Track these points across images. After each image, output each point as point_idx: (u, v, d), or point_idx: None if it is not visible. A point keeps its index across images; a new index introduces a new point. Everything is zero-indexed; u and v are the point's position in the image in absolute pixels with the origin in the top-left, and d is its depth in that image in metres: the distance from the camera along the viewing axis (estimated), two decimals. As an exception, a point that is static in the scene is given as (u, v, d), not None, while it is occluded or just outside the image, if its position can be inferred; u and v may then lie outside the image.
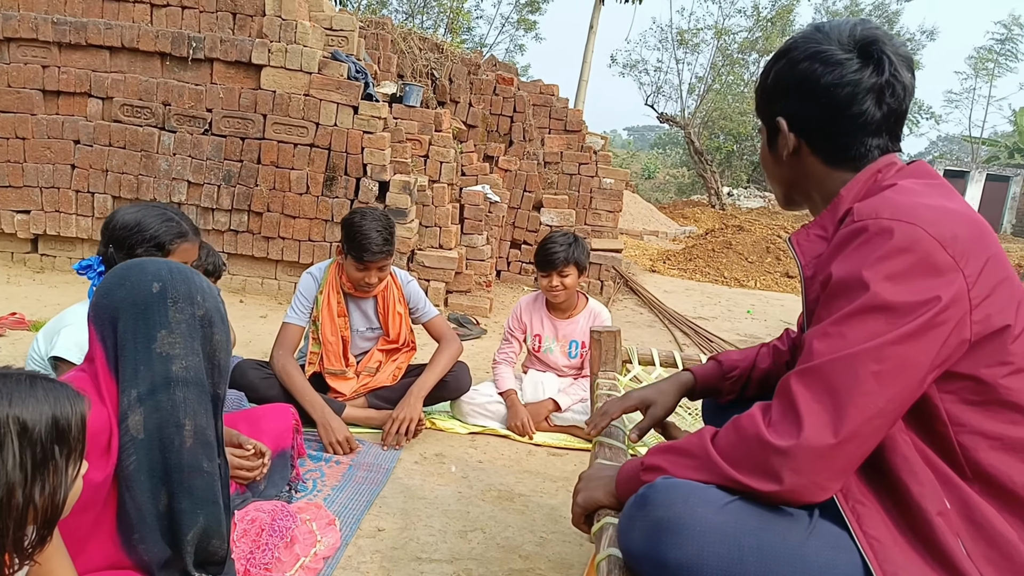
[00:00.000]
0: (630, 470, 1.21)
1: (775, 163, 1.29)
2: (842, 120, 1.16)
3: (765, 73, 1.26)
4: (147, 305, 1.34)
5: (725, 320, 6.27)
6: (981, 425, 1.02)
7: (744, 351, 1.66)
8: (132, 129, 5.04)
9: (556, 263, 2.94)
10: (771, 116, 1.25)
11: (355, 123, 5.06)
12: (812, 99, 1.17)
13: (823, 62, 1.15)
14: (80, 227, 5.16)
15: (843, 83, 1.14)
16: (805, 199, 1.31)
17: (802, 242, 1.21)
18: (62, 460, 1.05)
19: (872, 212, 1.03)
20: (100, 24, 4.95)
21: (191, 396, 1.36)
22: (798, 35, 1.23)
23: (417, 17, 18.65)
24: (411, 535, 2.06)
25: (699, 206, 19.15)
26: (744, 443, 1.02)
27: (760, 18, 21.02)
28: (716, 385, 1.62)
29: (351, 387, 2.88)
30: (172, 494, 1.34)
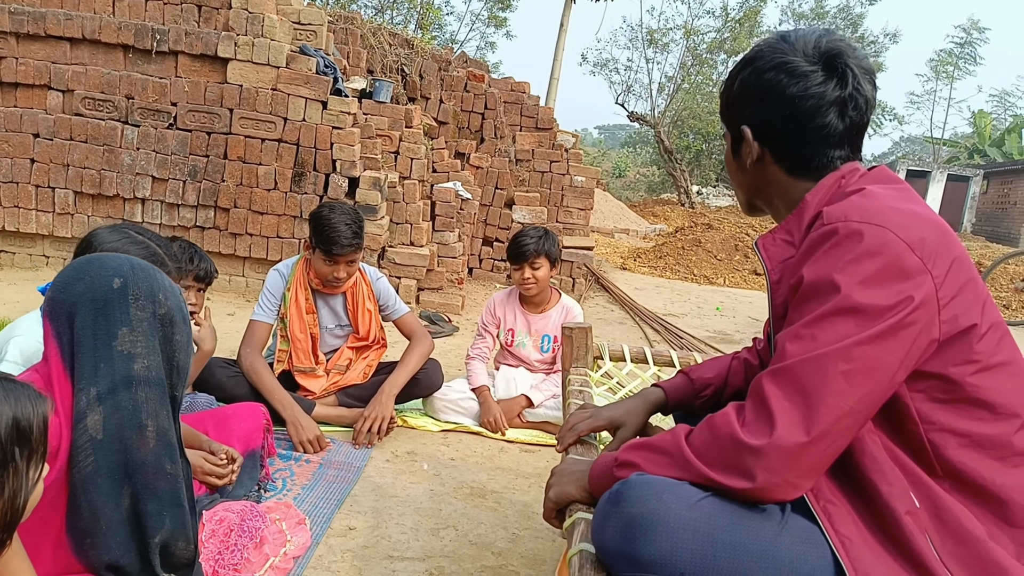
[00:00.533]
0: (603, 465, 1.21)
1: (739, 169, 1.30)
2: (805, 131, 1.18)
3: (731, 79, 1.27)
4: (107, 301, 1.29)
5: (695, 317, 6.33)
6: (950, 423, 1.04)
7: (714, 364, 1.63)
8: (94, 123, 4.92)
9: (527, 255, 2.96)
10: (736, 123, 1.26)
11: (324, 118, 5.00)
12: (776, 109, 1.18)
13: (788, 73, 1.16)
14: (40, 223, 5.03)
15: (807, 95, 1.15)
16: (767, 205, 1.32)
17: (768, 247, 1.22)
18: (23, 462, 1.02)
19: (842, 215, 1.05)
20: (60, 15, 4.83)
21: (153, 396, 1.32)
22: (764, 43, 1.23)
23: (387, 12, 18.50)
24: (383, 533, 2.04)
25: (669, 204, 19.32)
26: (717, 442, 1.03)
27: (728, 19, 21.25)
28: (688, 403, 1.61)
29: (321, 385, 2.85)
30: (136, 496, 1.30)
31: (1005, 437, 1.04)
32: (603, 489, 1.15)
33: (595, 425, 1.56)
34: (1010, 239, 19.77)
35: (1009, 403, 1.05)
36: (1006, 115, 31.65)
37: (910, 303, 0.98)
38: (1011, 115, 30.82)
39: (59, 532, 1.30)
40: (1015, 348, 1.09)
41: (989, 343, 1.04)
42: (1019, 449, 1.04)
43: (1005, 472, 1.03)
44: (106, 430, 1.27)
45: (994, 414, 1.04)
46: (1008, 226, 20.82)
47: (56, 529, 1.30)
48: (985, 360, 1.04)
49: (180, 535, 1.35)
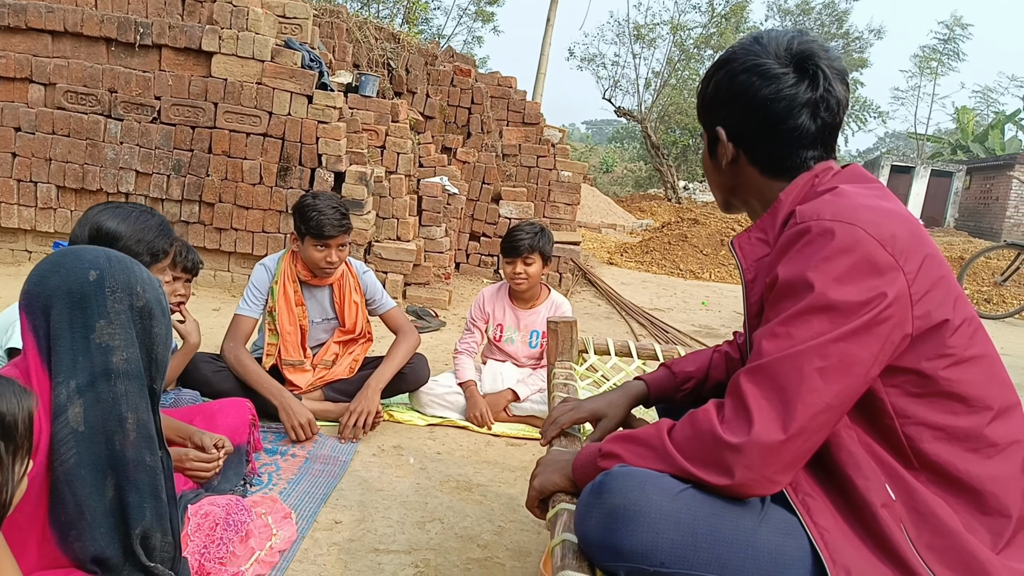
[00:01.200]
0: (587, 456, 1.22)
1: (715, 170, 1.32)
2: (778, 133, 1.20)
3: (706, 81, 1.29)
4: (83, 294, 1.29)
5: (680, 311, 6.36)
6: (925, 416, 1.06)
7: (696, 357, 1.64)
8: (77, 116, 4.88)
9: (521, 250, 2.97)
10: (711, 124, 1.28)
11: (309, 113, 4.99)
12: (749, 111, 1.20)
13: (760, 75, 1.18)
14: (22, 217, 4.99)
15: (779, 97, 1.17)
16: (743, 204, 1.34)
17: (744, 245, 1.24)
18: (8, 457, 1.02)
19: (814, 214, 1.06)
20: (41, 7, 4.78)
21: (132, 389, 1.32)
22: (737, 45, 1.25)
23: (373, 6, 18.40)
24: (369, 527, 2.05)
25: (656, 200, 19.38)
26: (698, 438, 1.05)
27: (715, 14, 21.31)
28: (670, 396, 1.63)
29: (307, 380, 2.85)
30: (119, 488, 1.30)
31: (979, 429, 1.06)
32: (587, 479, 1.16)
33: (577, 417, 1.57)
34: (992, 234, 19.98)
35: (982, 395, 1.06)
36: (988, 111, 31.97)
37: (883, 299, 1.00)
38: (993, 111, 31.14)
39: (43, 527, 1.30)
40: (988, 342, 1.11)
41: (962, 337, 1.06)
42: (992, 440, 1.06)
43: (979, 463, 1.05)
44: (87, 422, 1.27)
45: (968, 407, 1.06)
46: (990, 221, 21.05)
47: (40, 524, 1.30)
48: (959, 354, 1.05)
49: (157, 527, 1.36)
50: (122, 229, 1.83)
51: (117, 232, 1.82)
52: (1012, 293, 8.42)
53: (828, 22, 25.40)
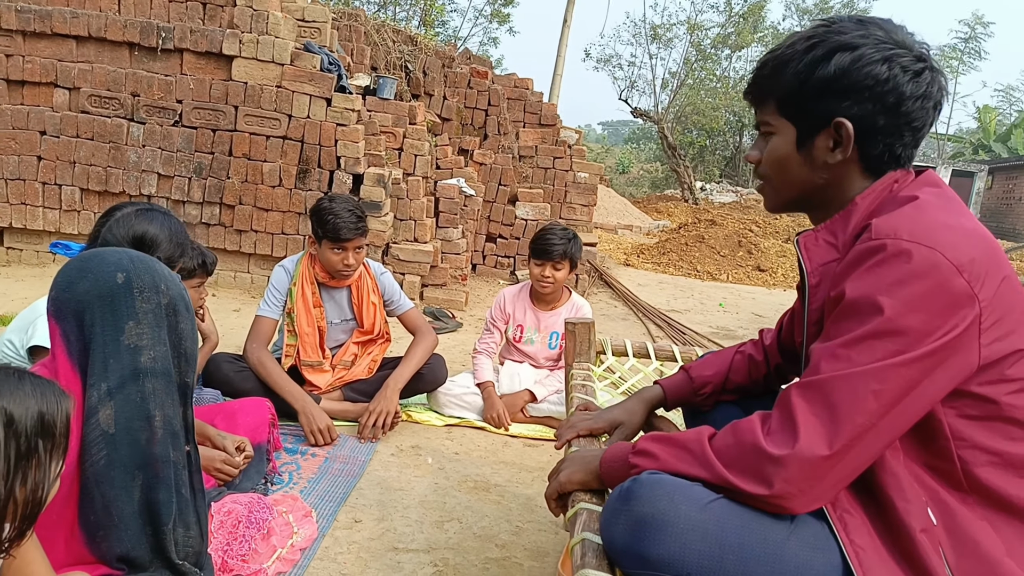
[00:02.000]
0: (618, 452, 1.20)
1: (803, 165, 1.18)
2: (905, 131, 1.12)
3: (815, 62, 1.12)
4: (113, 296, 1.31)
5: (697, 313, 6.34)
6: (982, 440, 1.02)
7: (714, 360, 1.61)
8: (100, 120, 4.95)
9: (554, 255, 2.98)
10: (821, 113, 1.13)
11: (328, 115, 5.03)
12: (885, 105, 1.09)
13: (903, 68, 1.08)
14: (47, 220, 5.07)
15: (919, 94, 1.09)
16: (817, 206, 1.23)
17: (810, 247, 1.17)
18: (46, 455, 1.05)
19: (891, 231, 1.00)
20: (66, 12, 4.86)
21: (159, 387, 1.34)
22: (848, 27, 1.12)
23: (390, 8, 18.50)
24: (388, 526, 2.07)
25: (672, 200, 19.30)
26: (740, 447, 1.03)
27: (732, 14, 21.20)
28: (687, 400, 1.60)
29: (327, 380, 2.87)
30: (148, 486, 1.33)
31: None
32: (615, 475, 1.15)
33: (595, 427, 1.53)
34: (1015, 235, 19.71)
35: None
36: (1011, 110, 31.53)
37: (954, 330, 0.96)
38: (1016, 110, 30.70)
39: (72, 525, 1.33)
40: None
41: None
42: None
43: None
44: (118, 424, 1.30)
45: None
46: (1013, 221, 20.77)
47: (69, 522, 1.32)
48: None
49: (179, 522, 1.38)
50: (163, 235, 1.85)
51: (158, 237, 1.83)
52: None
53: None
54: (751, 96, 1.24)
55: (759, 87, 1.21)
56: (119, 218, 1.85)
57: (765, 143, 1.23)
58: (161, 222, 1.87)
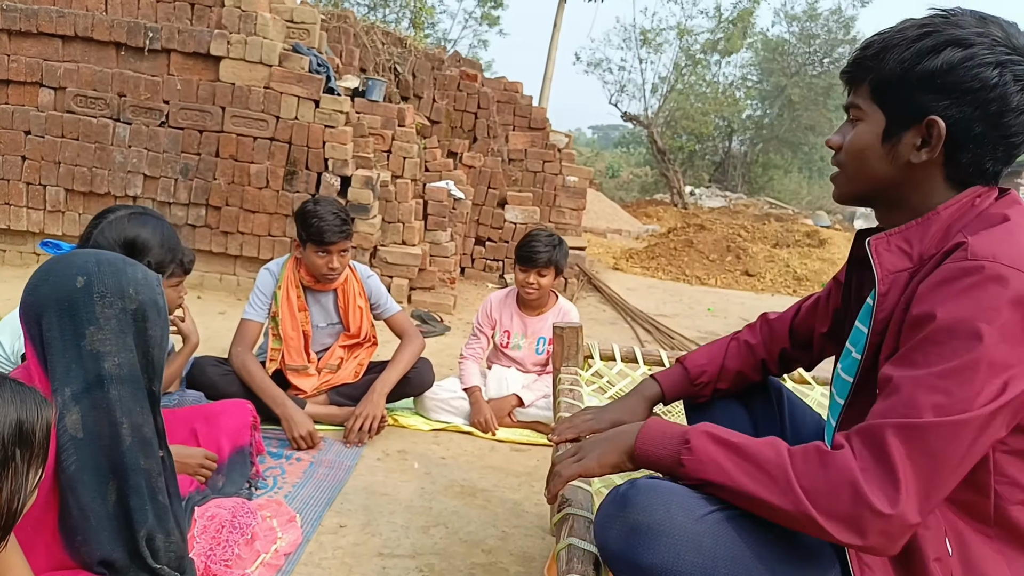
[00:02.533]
0: (664, 438, 1.09)
1: (884, 158, 1.11)
2: (999, 145, 1.05)
3: (924, 53, 1.04)
4: (72, 301, 1.29)
5: (686, 317, 6.35)
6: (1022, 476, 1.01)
7: (709, 349, 1.59)
8: (86, 120, 4.91)
9: (538, 262, 2.96)
10: (916, 107, 1.06)
11: (316, 117, 5.00)
12: (986, 113, 1.02)
13: (1016, 77, 1.01)
14: (31, 220, 5.02)
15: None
16: (888, 204, 1.17)
17: (882, 252, 1.10)
18: (23, 464, 1.03)
19: (989, 253, 0.95)
20: (52, 12, 4.81)
21: (126, 393, 1.32)
22: (967, 21, 1.05)
23: (379, 11, 18.47)
24: (373, 531, 2.05)
25: (662, 205, 19.36)
26: (834, 488, 0.94)
27: (722, 19, 21.32)
28: (685, 392, 1.58)
29: (312, 384, 2.85)
30: (121, 492, 1.31)
31: None
32: (657, 459, 1.08)
33: (596, 428, 1.50)
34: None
35: None
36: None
37: None
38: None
39: (52, 530, 1.31)
40: None
41: None
42: None
43: None
44: (85, 429, 1.28)
45: None
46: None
47: (49, 527, 1.31)
48: None
49: (158, 529, 1.36)
50: (154, 239, 1.85)
51: (150, 242, 1.83)
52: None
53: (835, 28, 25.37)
54: (848, 75, 1.16)
55: (859, 67, 1.13)
56: (112, 221, 1.84)
57: (851, 128, 1.16)
58: (153, 226, 1.86)
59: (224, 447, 2.14)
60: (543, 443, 2.88)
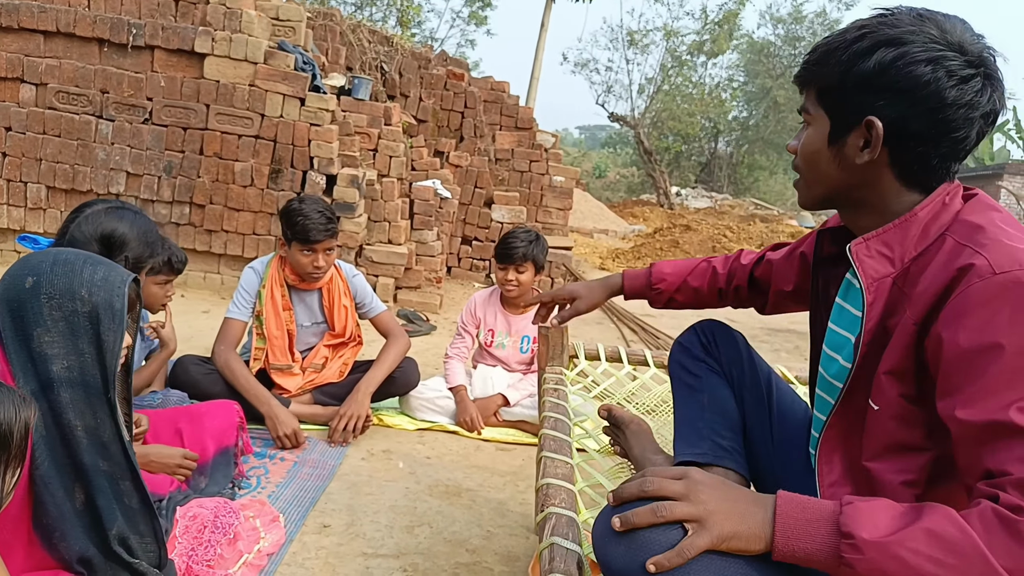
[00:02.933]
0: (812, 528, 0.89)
1: (833, 161, 1.12)
2: (944, 141, 1.04)
3: (858, 55, 1.05)
4: (20, 302, 1.27)
5: (671, 317, 6.37)
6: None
7: (679, 263, 1.74)
8: (68, 117, 4.86)
9: (514, 258, 2.98)
10: (855, 109, 1.07)
11: (302, 115, 4.98)
12: (922, 110, 1.02)
13: (948, 72, 1.00)
14: (12, 218, 4.96)
15: (962, 103, 1.01)
16: (849, 207, 1.17)
17: (864, 258, 1.08)
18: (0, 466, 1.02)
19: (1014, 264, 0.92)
20: (34, 7, 4.76)
21: (78, 397, 1.29)
22: (905, 21, 1.04)
23: (366, 9, 18.42)
24: (357, 531, 2.04)
25: (648, 205, 19.44)
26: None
27: (708, 21, 21.44)
28: (642, 293, 1.76)
29: (297, 383, 2.84)
30: (87, 492, 1.31)
31: None
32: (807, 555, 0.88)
33: (556, 294, 1.83)
34: (981, 242, 20.11)
35: None
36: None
37: None
38: (983, 121, 31.37)
39: (28, 530, 1.30)
40: None
41: None
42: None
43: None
44: (47, 429, 1.27)
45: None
46: (979, 230, 21.18)
47: (26, 527, 1.29)
48: None
49: (130, 530, 1.35)
50: (132, 234, 1.80)
51: (127, 236, 1.79)
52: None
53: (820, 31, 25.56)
54: (798, 80, 1.18)
55: (806, 71, 1.15)
56: (88, 215, 1.79)
57: (804, 133, 1.17)
58: (131, 221, 1.82)
59: (209, 448, 2.12)
60: (529, 442, 2.88)
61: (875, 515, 0.86)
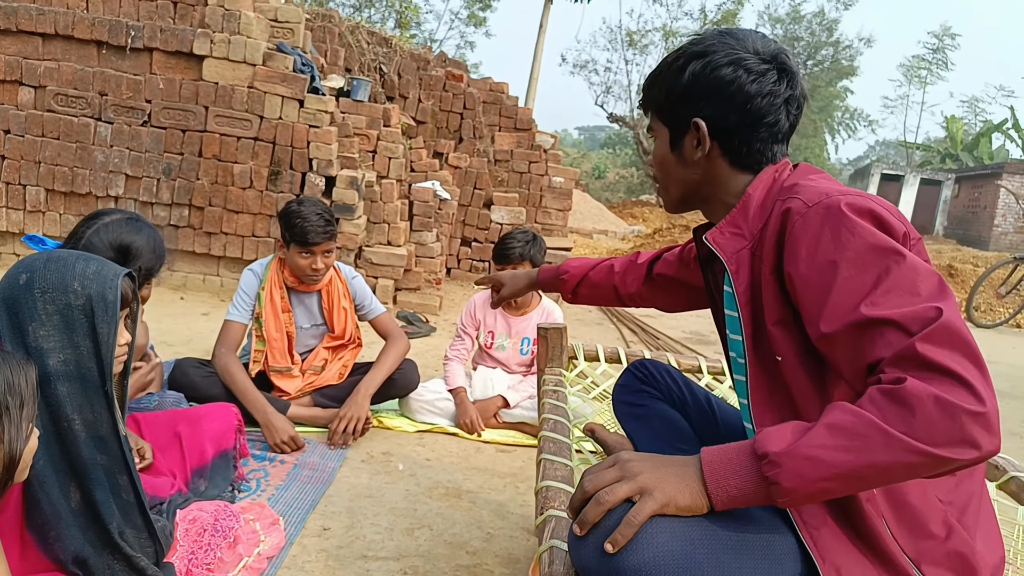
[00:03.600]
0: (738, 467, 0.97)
1: (678, 164, 1.31)
2: (759, 127, 1.22)
3: (675, 72, 1.25)
4: (15, 298, 1.29)
5: (670, 318, 6.38)
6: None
7: (585, 260, 1.92)
8: (67, 119, 4.86)
9: (512, 258, 2.99)
10: (683, 117, 1.26)
11: (301, 117, 4.98)
12: (734, 104, 1.20)
13: (747, 69, 1.19)
14: (11, 220, 4.95)
15: (764, 92, 1.20)
16: (702, 203, 1.34)
17: (719, 240, 1.23)
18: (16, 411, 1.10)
19: (822, 195, 1.07)
20: (32, 9, 4.76)
21: (74, 390, 1.31)
22: (710, 38, 1.24)
23: (365, 10, 18.42)
24: (357, 533, 2.04)
25: (647, 206, 19.44)
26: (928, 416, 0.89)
27: (707, 21, 21.43)
28: (552, 282, 1.95)
29: (296, 386, 2.84)
30: (84, 488, 1.31)
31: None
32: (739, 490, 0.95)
33: (491, 278, 2.08)
34: (980, 242, 20.15)
35: None
36: (976, 120, 32.26)
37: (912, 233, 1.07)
38: (981, 120, 31.42)
39: (22, 531, 1.30)
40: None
41: None
42: None
43: None
44: (43, 424, 1.28)
45: None
46: (979, 229, 21.22)
47: (20, 528, 1.29)
48: None
49: (126, 524, 1.36)
50: (147, 247, 1.92)
51: (142, 249, 1.90)
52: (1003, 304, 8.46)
53: (818, 31, 25.58)
54: (641, 106, 1.38)
55: (643, 97, 1.35)
56: (108, 224, 1.88)
57: (654, 147, 1.37)
58: (147, 234, 1.94)
59: (207, 451, 2.12)
60: (529, 444, 2.88)
61: (783, 431, 0.95)
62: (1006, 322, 7.97)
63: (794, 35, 23.77)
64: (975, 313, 8.02)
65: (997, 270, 8.17)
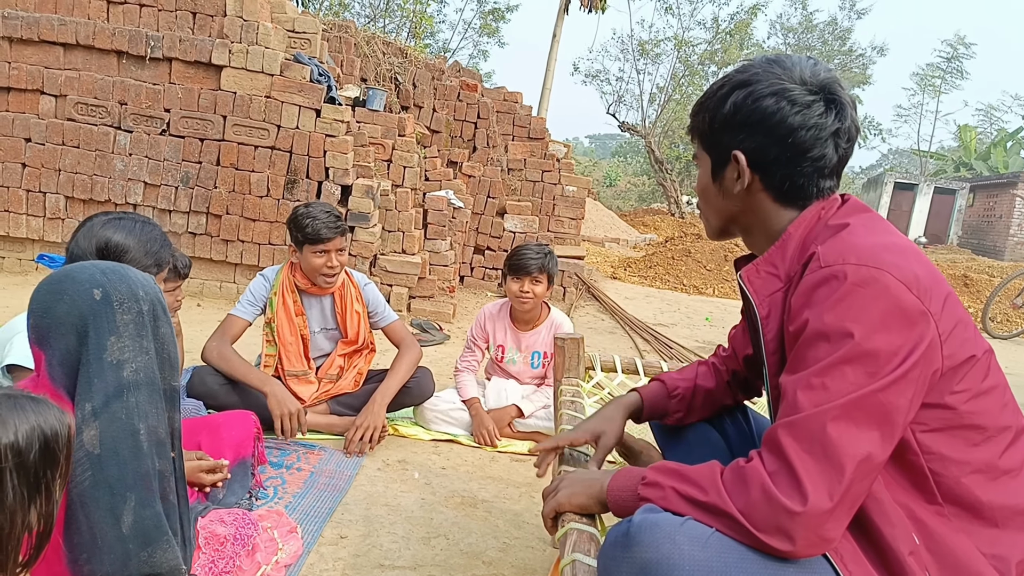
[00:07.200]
0: (627, 480, 1.18)
1: (719, 195, 1.27)
2: (802, 161, 1.16)
3: (718, 101, 1.22)
4: (95, 314, 1.28)
5: (684, 327, 6.36)
6: (948, 451, 1.05)
7: (683, 371, 1.68)
8: (86, 128, 4.92)
9: (531, 269, 2.96)
10: (724, 147, 1.22)
11: (317, 126, 5.02)
12: (775, 137, 1.16)
13: (791, 101, 1.14)
14: (31, 227, 5.02)
15: (808, 125, 1.14)
16: (743, 233, 1.30)
17: (754, 280, 1.21)
18: (54, 483, 1.06)
19: (839, 257, 1.04)
20: (54, 20, 4.83)
21: (143, 398, 1.32)
22: (756, 66, 1.20)
23: (380, 21, 18.53)
24: (374, 542, 2.05)
25: (659, 214, 19.40)
26: (754, 499, 1.00)
27: (719, 31, 21.42)
28: (663, 406, 1.63)
29: (312, 392, 2.85)
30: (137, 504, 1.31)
31: (994, 458, 1.07)
32: (623, 504, 1.15)
33: (575, 438, 1.54)
34: (995, 252, 19.97)
35: (995, 424, 1.07)
36: (991, 129, 32.03)
37: (918, 346, 0.99)
38: (996, 129, 31.19)
39: (54, 545, 1.30)
40: (1000, 372, 1.12)
41: (982, 369, 1.07)
42: (1004, 468, 1.07)
43: (993, 489, 1.06)
44: (103, 444, 1.28)
45: (985, 436, 1.06)
46: (993, 239, 21.04)
47: (52, 543, 1.30)
48: (978, 386, 1.06)
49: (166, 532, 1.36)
50: (130, 242, 1.78)
51: (125, 245, 1.77)
52: (1019, 314, 8.38)
53: (831, 39, 25.52)
54: (688, 132, 1.35)
55: (690, 125, 1.32)
56: (85, 228, 1.77)
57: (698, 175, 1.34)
58: (129, 229, 1.79)
59: (227, 458, 2.13)
60: (543, 454, 2.88)
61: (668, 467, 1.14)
62: (1022, 333, 7.90)
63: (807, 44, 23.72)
64: (991, 324, 7.95)
65: (1014, 280, 8.09)
